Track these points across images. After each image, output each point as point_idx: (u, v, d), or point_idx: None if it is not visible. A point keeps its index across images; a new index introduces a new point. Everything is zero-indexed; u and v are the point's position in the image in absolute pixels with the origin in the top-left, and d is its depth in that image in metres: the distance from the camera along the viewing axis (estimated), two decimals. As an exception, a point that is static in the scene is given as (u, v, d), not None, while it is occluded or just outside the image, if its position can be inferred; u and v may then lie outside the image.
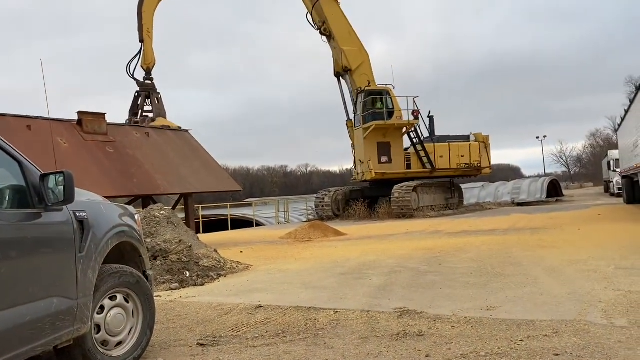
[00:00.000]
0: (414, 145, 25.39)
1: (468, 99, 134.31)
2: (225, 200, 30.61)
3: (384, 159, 24.52)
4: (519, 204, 28.88)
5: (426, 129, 26.30)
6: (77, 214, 3.49)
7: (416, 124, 24.96)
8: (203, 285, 7.72)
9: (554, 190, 32.76)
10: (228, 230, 23.84)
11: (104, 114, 14.04)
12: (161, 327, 5.01)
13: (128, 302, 3.92)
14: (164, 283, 7.65)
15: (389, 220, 21.64)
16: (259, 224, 27.99)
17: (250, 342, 4.37)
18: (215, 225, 25.58)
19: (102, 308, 3.69)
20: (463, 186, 29.93)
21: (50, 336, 3.12)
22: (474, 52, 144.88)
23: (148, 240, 8.41)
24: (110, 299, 3.77)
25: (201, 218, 23.49)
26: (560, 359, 3.48)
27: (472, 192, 33.64)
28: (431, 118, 26.78)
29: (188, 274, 8.06)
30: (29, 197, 3.21)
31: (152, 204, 11.85)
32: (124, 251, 4.12)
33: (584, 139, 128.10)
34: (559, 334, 4.01)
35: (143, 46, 18.29)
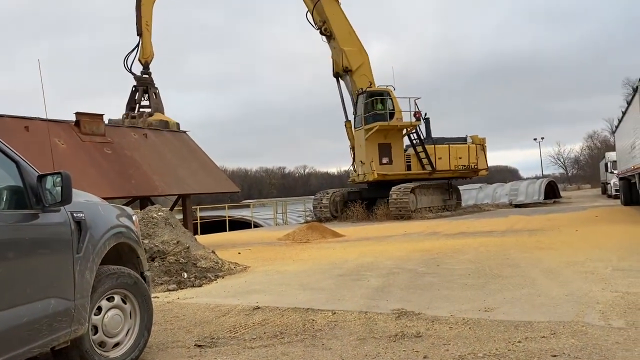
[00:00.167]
0: (414, 147, 25.43)
1: (466, 100, 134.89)
2: (223, 202, 30.66)
3: (385, 160, 24.54)
4: (516, 206, 28.89)
5: (424, 130, 26.35)
6: (75, 214, 3.48)
7: (418, 126, 25.04)
8: (201, 286, 7.72)
9: (552, 191, 32.79)
10: (226, 231, 23.82)
11: (101, 115, 14.04)
12: (159, 329, 5.00)
13: (126, 303, 3.91)
14: (161, 284, 7.64)
15: (386, 221, 21.65)
16: (256, 225, 27.97)
17: (247, 344, 4.36)
18: (213, 226, 25.57)
19: (100, 309, 3.68)
20: (461, 188, 29.96)
21: (47, 337, 3.11)
22: (472, 53, 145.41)
23: (146, 241, 8.40)
24: (108, 300, 3.76)
25: (199, 219, 23.48)
26: (557, 360, 3.49)
27: (470, 194, 33.64)
28: (427, 120, 26.82)
29: (186, 275, 8.05)
30: (26, 198, 3.20)
31: (150, 205, 11.84)
32: (122, 252, 4.11)
33: (581, 141, 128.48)
34: (556, 335, 4.01)
35: (141, 40, 17.88)
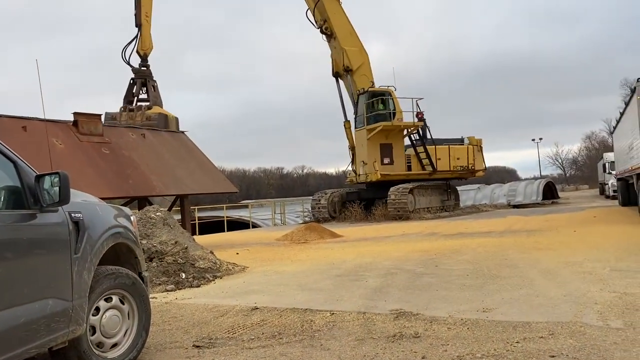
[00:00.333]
0: (414, 147, 25.49)
1: (465, 100, 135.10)
2: (221, 202, 30.64)
3: (386, 161, 24.56)
4: (514, 206, 28.93)
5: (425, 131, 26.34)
6: (73, 215, 3.47)
7: (420, 126, 25.08)
8: (199, 286, 7.71)
9: (550, 192, 32.83)
10: (224, 231, 23.80)
11: (99, 115, 14.02)
12: (157, 329, 4.99)
13: (124, 304, 3.91)
14: (159, 285, 7.63)
15: (385, 222, 21.65)
16: (255, 226, 27.96)
17: (246, 344, 4.36)
18: (211, 226, 25.54)
19: (98, 309, 3.68)
20: (459, 188, 29.99)
21: (45, 338, 3.10)
22: (472, 53, 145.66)
23: (144, 241, 8.39)
24: (106, 300, 3.75)
25: (197, 219, 23.44)
26: (556, 360, 3.49)
27: (468, 194, 33.66)
28: (424, 121, 26.80)
29: (184, 276, 8.04)
30: (24, 198, 3.19)
31: (148, 205, 11.83)
32: (120, 252, 4.11)
33: (579, 142, 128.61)
34: (554, 336, 4.01)
35: (140, 31, 17.42)
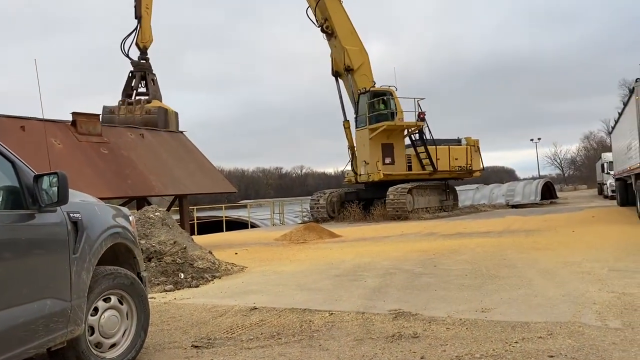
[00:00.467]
0: (414, 147, 25.55)
1: (463, 100, 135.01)
2: (220, 202, 30.64)
3: (387, 160, 24.60)
4: (513, 206, 28.95)
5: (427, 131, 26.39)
6: (71, 215, 3.47)
7: (422, 126, 25.16)
8: (197, 287, 7.70)
9: (548, 192, 32.85)
10: (223, 231, 23.79)
11: (98, 115, 14.02)
12: (155, 329, 4.99)
13: (122, 304, 3.90)
14: (158, 285, 7.62)
15: (383, 222, 21.65)
16: (253, 226, 27.96)
17: (244, 344, 4.36)
18: (210, 226, 25.54)
19: (96, 310, 3.67)
20: (458, 188, 30.02)
21: (43, 338, 3.10)
22: (472, 53, 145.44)
23: (142, 241, 8.38)
24: (104, 300, 3.75)
25: (196, 219, 23.41)
26: (554, 360, 3.49)
27: (467, 194, 33.67)
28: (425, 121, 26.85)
29: (182, 276, 8.04)
30: (22, 198, 3.19)
31: (147, 205, 11.82)
32: (118, 252, 4.10)
33: (578, 142, 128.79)
34: (553, 336, 4.02)
35: (140, 23, 17.06)
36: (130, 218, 4.38)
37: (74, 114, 13.07)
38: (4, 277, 2.88)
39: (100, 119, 14.40)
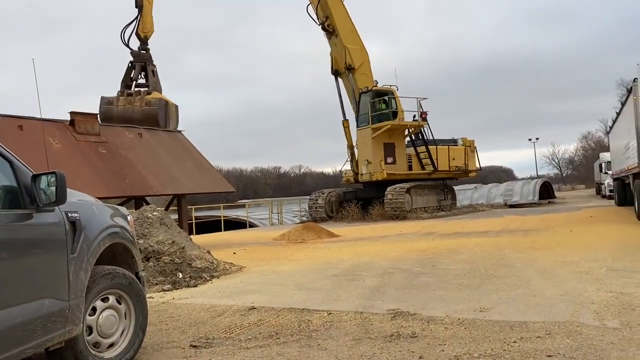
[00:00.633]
0: (414, 147, 25.60)
1: (461, 100, 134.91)
2: (218, 202, 30.61)
3: (389, 160, 24.65)
4: (511, 206, 28.97)
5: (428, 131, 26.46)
6: (69, 214, 3.46)
7: (423, 126, 25.24)
8: (196, 286, 7.70)
9: (546, 192, 32.89)
10: (221, 231, 23.78)
11: (96, 115, 14.00)
12: (154, 329, 4.98)
13: (120, 304, 3.90)
14: (156, 284, 7.61)
15: (382, 221, 21.66)
16: (252, 225, 27.96)
17: (243, 344, 4.35)
18: (208, 226, 25.54)
19: (94, 309, 3.67)
20: (456, 188, 30.08)
21: (41, 338, 3.09)
22: (471, 53, 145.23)
23: (141, 241, 8.37)
24: (103, 300, 3.74)
25: (194, 219, 23.42)
26: (553, 360, 3.50)
27: (465, 194, 33.70)
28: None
29: (181, 275, 8.03)
30: (20, 198, 3.18)
31: (145, 205, 11.81)
32: (117, 252, 4.09)
33: (576, 141, 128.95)
34: (551, 336, 4.02)
35: (141, 12, 16.39)
36: (129, 218, 4.37)
37: (72, 113, 13.05)
38: (2, 277, 2.87)
39: (99, 109, 14.10)
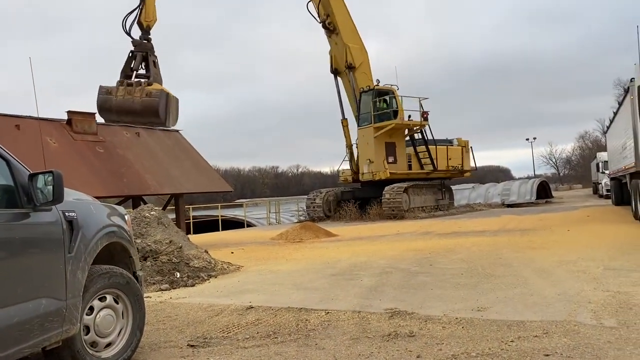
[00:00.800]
0: (414, 146, 25.64)
1: (459, 100, 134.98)
2: (216, 201, 30.56)
3: (390, 159, 24.69)
4: (509, 205, 29.02)
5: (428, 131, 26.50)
6: (66, 214, 3.45)
7: (425, 126, 25.32)
8: (193, 286, 7.69)
9: (544, 191, 32.94)
10: (219, 231, 23.76)
11: (94, 114, 13.96)
12: (151, 328, 4.98)
13: (118, 303, 3.89)
14: (154, 284, 7.61)
15: (379, 221, 21.67)
16: (250, 225, 27.93)
17: (241, 343, 4.35)
18: (206, 226, 25.50)
19: (92, 309, 3.66)
20: (453, 187, 30.12)
21: (38, 337, 3.09)
22: (468, 54, 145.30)
23: (138, 240, 8.36)
24: (100, 299, 3.74)
25: (192, 219, 23.41)
26: (550, 359, 3.50)
27: (463, 194, 33.73)
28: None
29: (178, 275, 8.02)
30: (17, 197, 3.17)
31: (142, 204, 11.80)
32: (114, 252, 4.09)
33: (573, 141, 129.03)
34: (549, 335, 4.03)
35: (145, 0, 15.80)
36: (126, 217, 4.36)
37: (69, 112, 13.02)
38: (-1, 276, 2.86)
39: (97, 99, 13.73)
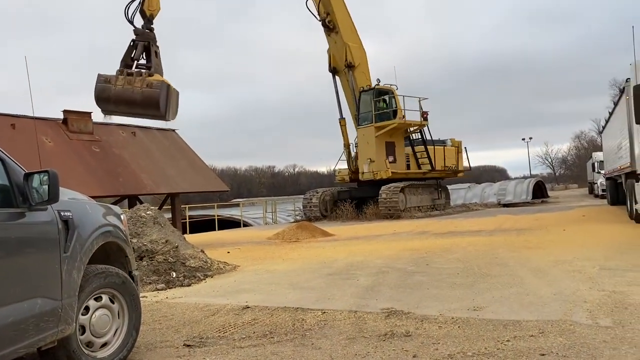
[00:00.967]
0: (412, 146, 25.73)
1: (457, 100, 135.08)
2: (212, 201, 30.53)
3: (390, 159, 24.74)
4: (505, 205, 29.11)
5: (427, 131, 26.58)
6: (62, 213, 3.44)
7: (425, 126, 25.41)
8: (190, 285, 7.68)
9: (540, 191, 33.06)
10: (215, 230, 23.73)
11: (89, 113, 13.92)
12: (147, 328, 4.97)
13: (113, 303, 3.88)
14: (150, 284, 7.59)
15: (376, 220, 21.68)
16: (246, 225, 27.90)
17: (237, 343, 4.35)
18: (202, 225, 25.45)
19: (87, 309, 3.65)
20: (449, 187, 30.21)
21: (33, 337, 3.08)
22: (468, 54, 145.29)
23: (134, 240, 8.34)
24: (96, 299, 3.72)
25: (188, 218, 23.33)
26: (546, 358, 3.51)
27: (459, 193, 33.81)
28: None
29: (174, 275, 8.01)
30: (12, 197, 3.16)
31: (139, 203, 11.77)
32: (110, 251, 4.08)
33: (569, 141, 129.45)
34: (544, 334, 4.04)
35: None
36: (122, 216, 4.35)
37: (65, 111, 13.00)
38: (-6, 276, 2.85)
39: (94, 87, 13.43)
